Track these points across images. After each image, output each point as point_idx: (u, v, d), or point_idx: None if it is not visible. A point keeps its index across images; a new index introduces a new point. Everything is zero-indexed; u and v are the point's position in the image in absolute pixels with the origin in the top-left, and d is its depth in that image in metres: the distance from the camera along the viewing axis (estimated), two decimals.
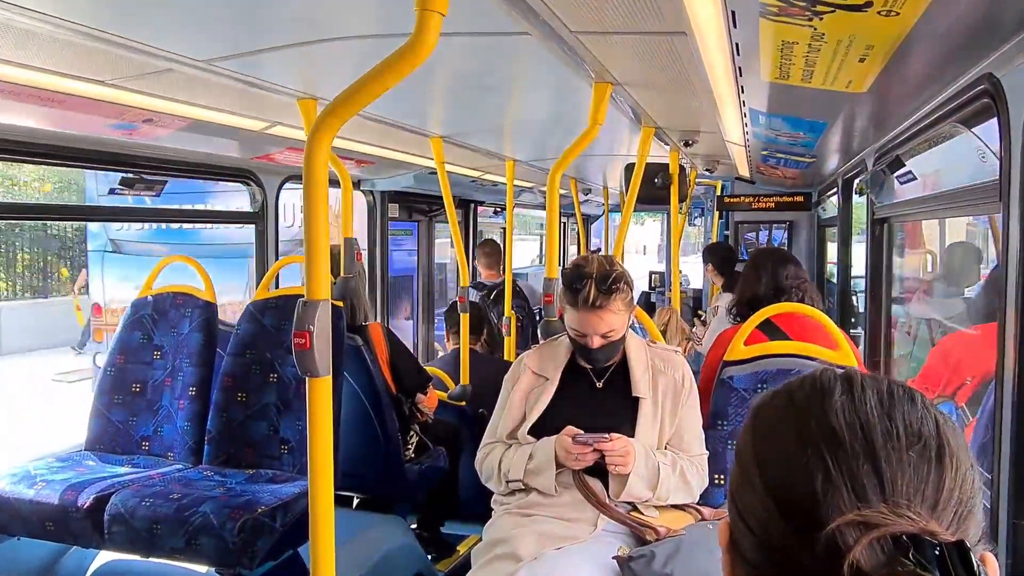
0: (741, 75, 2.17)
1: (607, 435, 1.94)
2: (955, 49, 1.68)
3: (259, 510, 2.36)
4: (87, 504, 2.45)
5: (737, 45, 1.83)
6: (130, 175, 3.08)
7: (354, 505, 3.33)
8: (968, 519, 0.60)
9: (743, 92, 2.44)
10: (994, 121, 1.64)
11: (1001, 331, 1.57)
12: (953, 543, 0.55)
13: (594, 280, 1.98)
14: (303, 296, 1.43)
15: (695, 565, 1.81)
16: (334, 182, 2.95)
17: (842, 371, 0.68)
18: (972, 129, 1.94)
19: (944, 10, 1.39)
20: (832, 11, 1.35)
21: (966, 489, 0.60)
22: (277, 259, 3.76)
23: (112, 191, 3.09)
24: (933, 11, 1.37)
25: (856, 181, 3.96)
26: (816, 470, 0.60)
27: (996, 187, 1.63)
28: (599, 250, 7.87)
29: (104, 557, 2.70)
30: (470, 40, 1.91)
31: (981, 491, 0.62)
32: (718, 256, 5.42)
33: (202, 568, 2.57)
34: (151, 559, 2.50)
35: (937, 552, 0.54)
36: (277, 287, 3.37)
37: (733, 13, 1.56)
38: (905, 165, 2.73)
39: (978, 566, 0.54)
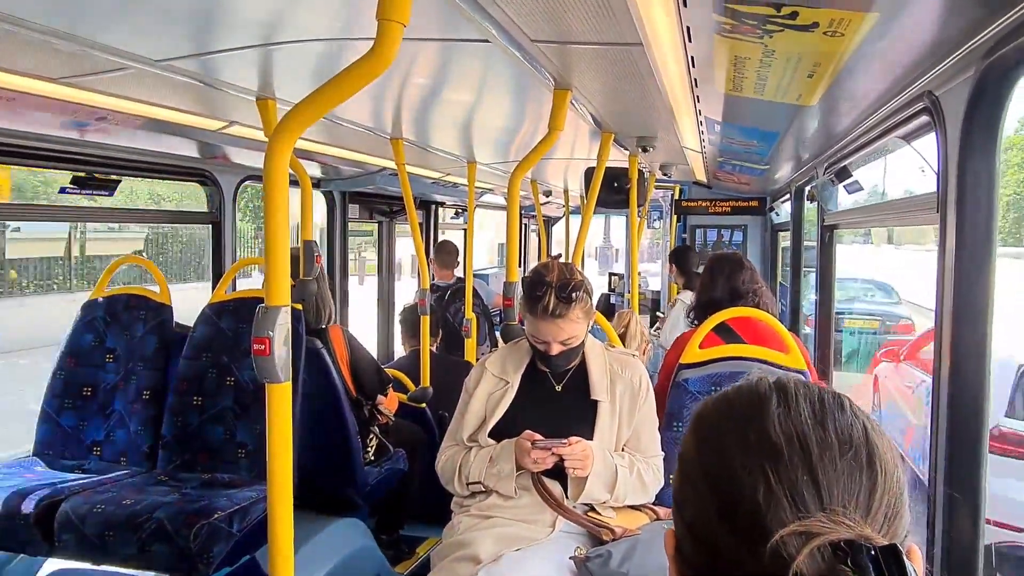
0: (697, 86, 2.23)
1: (565, 439, 1.97)
2: (897, 67, 1.76)
3: (215, 515, 2.32)
4: (35, 511, 2.38)
5: (692, 58, 1.88)
6: (82, 174, 3.00)
7: (312, 508, 3.30)
8: (897, 519, 0.63)
9: (699, 102, 2.50)
10: (933, 135, 1.72)
11: (938, 333, 1.66)
12: (887, 546, 0.57)
13: (554, 289, 2.00)
14: (261, 299, 1.43)
15: (650, 564, 1.85)
16: (293, 182, 2.92)
17: (775, 379, 0.70)
18: (912, 143, 2.03)
19: (887, 31, 1.46)
20: (781, 30, 1.40)
21: (895, 491, 0.63)
22: (234, 261, 3.71)
23: (63, 190, 3.01)
24: (876, 32, 1.44)
25: (807, 189, 4.08)
26: (759, 483, 0.62)
27: (935, 199, 1.71)
28: (559, 256, 7.92)
29: (53, 565, 2.64)
30: (430, 46, 1.92)
31: (907, 487, 0.65)
32: (679, 257, 5.58)
33: None
34: (103, 567, 2.45)
35: (872, 555, 0.57)
36: (234, 289, 3.33)
37: (688, 29, 1.61)
38: (852, 175, 2.83)
39: (910, 567, 0.57)
